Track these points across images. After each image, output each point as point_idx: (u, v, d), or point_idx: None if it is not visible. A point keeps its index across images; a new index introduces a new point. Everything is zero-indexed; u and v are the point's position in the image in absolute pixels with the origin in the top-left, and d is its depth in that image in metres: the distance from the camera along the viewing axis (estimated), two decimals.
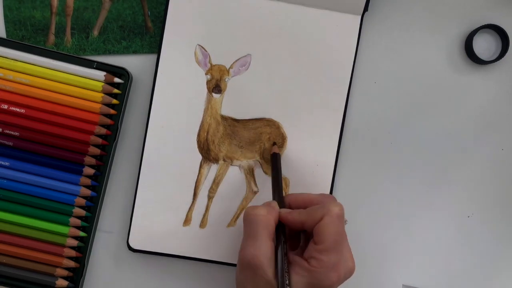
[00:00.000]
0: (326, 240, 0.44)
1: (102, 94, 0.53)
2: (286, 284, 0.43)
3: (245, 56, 0.54)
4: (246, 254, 0.45)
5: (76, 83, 0.53)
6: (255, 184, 0.55)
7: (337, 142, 0.55)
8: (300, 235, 0.49)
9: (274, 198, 0.50)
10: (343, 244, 0.46)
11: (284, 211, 0.47)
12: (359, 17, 0.54)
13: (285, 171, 0.55)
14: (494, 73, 0.56)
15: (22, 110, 0.53)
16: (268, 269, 0.44)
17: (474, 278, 0.57)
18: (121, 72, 0.54)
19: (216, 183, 0.55)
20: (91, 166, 0.54)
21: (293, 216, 0.46)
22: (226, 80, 0.54)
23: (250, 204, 0.55)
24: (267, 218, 0.46)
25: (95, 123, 0.53)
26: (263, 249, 0.45)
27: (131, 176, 0.55)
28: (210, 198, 0.55)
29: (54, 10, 0.54)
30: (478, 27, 0.55)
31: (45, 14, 0.54)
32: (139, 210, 0.54)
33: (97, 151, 0.53)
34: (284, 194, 0.51)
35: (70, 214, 0.53)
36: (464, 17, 0.56)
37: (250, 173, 0.55)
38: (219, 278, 0.56)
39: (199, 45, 0.54)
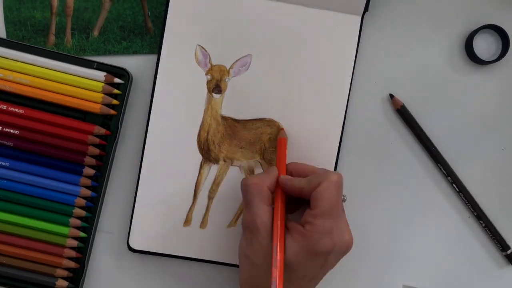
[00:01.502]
0: (321, 204, 0.46)
1: (102, 95, 0.53)
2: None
3: (245, 56, 0.54)
4: (244, 220, 0.48)
5: (76, 84, 0.53)
6: None
7: (338, 142, 0.55)
8: (298, 199, 0.49)
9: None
10: (339, 213, 0.47)
11: (284, 178, 0.49)
12: (359, 17, 0.54)
13: None
14: (495, 73, 0.56)
15: (22, 111, 0.52)
16: (264, 232, 0.46)
17: (474, 278, 0.57)
18: (121, 72, 0.54)
19: (216, 183, 0.55)
20: (91, 167, 0.54)
21: (293, 182, 0.48)
22: (226, 80, 0.54)
23: None
24: (259, 185, 0.48)
25: (95, 124, 0.53)
26: (259, 214, 0.47)
27: (131, 176, 0.55)
28: (210, 198, 0.55)
29: (54, 10, 0.54)
30: (479, 27, 0.55)
31: (45, 14, 0.54)
32: (139, 210, 0.54)
33: (96, 151, 0.53)
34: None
35: (70, 215, 0.53)
36: (464, 17, 0.56)
37: (250, 173, 0.55)
38: (219, 279, 0.56)
39: (199, 45, 0.54)
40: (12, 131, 0.52)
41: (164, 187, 0.54)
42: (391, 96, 0.55)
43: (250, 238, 0.47)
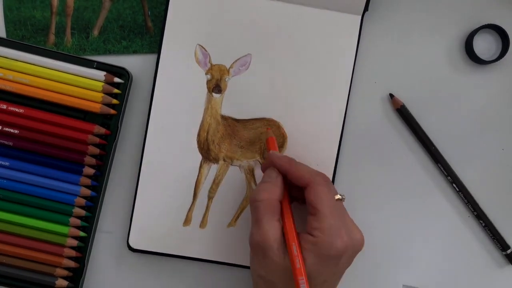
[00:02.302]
0: (321, 207, 0.45)
1: (102, 94, 0.53)
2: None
3: (245, 56, 0.54)
4: (253, 240, 0.46)
5: (76, 83, 0.53)
6: (256, 184, 0.55)
7: (338, 142, 0.55)
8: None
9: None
10: (341, 212, 0.47)
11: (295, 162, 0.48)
12: (359, 17, 0.54)
13: None
14: (494, 73, 0.56)
15: (22, 110, 0.52)
16: (276, 250, 0.45)
17: (474, 278, 0.57)
18: (121, 72, 0.54)
19: (216, 183, 0.55)
20: (91, 166, 0.54)
21: (299, 167, 0.48)
22: (226, 80, 0.54)
23: None
24: (270, 200, 0.47)
25: (95, 123, 0.53)
26: (270, 231, 0.45)
27: (131, 176, 0.55)
28: (210, 198, 0.55)
29: (54, 10, 0.54)
30: (478, 27, 0.55)
31: (45, 14, 0.54)
32: (139, 210, 0.54)
33: (96, 150, 0.53)
34: None
35: (70, 214, 0.53)
36: (464, 17, 0.56)
37: (250, 173, 0.55)
38: (219, 278, 0.56)
39: (199, 45, 0.54)
40: (12, 130, 0.52)
41: (164, 186, 0.54)
42: (391, 96, 0.55)
43: (263, 257, 0.46)
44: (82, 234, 0.54)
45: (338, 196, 0.47)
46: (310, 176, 0.47)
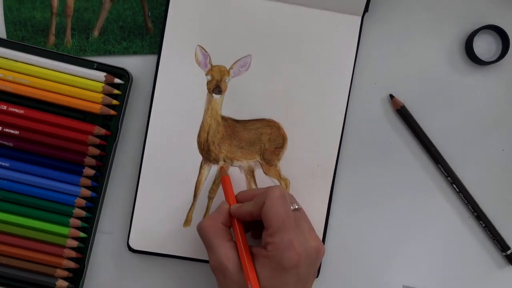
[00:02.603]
0: (272, 222, 0.46)
1: (102, 95, 0.53)
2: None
3: (245, 56, 0.54)
4: (211, 265, 0.48)
5: (76, 84, 0.53)
6: (256, 185, 0.55)
7: (338, 142, 0.55)
8: (259, 223, 0.49)
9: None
10: (294, 224, 0.47)
11: (233, 207, 0.49)
12: (360, 18, 0.54)
13: (285, 171, 0.55)
14: (495, 73, 0.56)
15: (22, 111, 0.52)
16: (233, 269, 0.47)
17: (474, 278, 0.57)
18: (121, 72, 0.54)
19: (216, 183, 0.55)
20: (91, 167, 0.54)
21: (242, 208, 0.49)
22: (227, 80, 0.54)
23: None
24: (213, 225, 0.49)
25: (95, 124, 0.53)
26: (223, 253, 0.47)
27: (131, 176, 0.55)
28: (210, 198, 0.55)
29: (54, 10, 0.54)
30: (479, 28, 0.55)
31: (45, 14, 0.54)
32: (140, 210, 0.54)
33: (96, 151, 0.53)
34: None
35: (70, 215, 0.53)
36: (464, 17, 0.56)
37: (250, 173, 0.55)
38: None
39: (199, 45, 0.54)
40: (12, 131, 0.52)
41: (164, 187, 0.54)
42: (391, 96, 0.55)
43: (223, 278, 0.47)
44: (82, 235, 0.54)
45: (294, 206, 0.48)
46: (263, 193, 0.47)
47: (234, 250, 0.48)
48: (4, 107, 0.52)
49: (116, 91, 0.53)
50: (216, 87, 0.54)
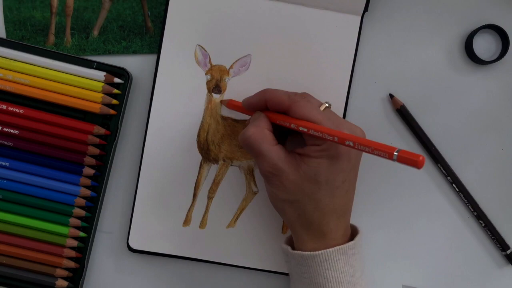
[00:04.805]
0: (312, 117, 0.46)
1: (102, 95, 0.53)
2: None
3: (245, 56, 0.54)
4: (263, 170, 0.47)
5: (76, 84, 0.53)
6: (255, 185, 0.55)
7: None
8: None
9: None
10: (333, 117, 0.47)
11: (269, 92, 0.49)
12: (359, 17, 0.54)
13: None
14: (494, 73, 0.56)
15: (21, 111, 0.52)
16: (288, 169, 0.46)
17: (474, 278, 0.57)
18: (121, 72, 0.54)
19: (216, 183, 0.55)
20: (91, 167, 0.54)
21: (278, 92, 0.48)
22: (226, 80, 0.54)
23: (250, 205, 0.55)
24: (259, 131, 0.47)
25: (94, 123, 0.53)
26: (275, 156, 0.46)
27: (131, 176, 0.55)
28: (210, 198, 0.55)
29: (54, 10, 0.54)
30: (478, 27, 0.55)
31: (45, 14, 0.54)
32: (139, 210, 0.54)
33: (96, 151, 0.53)
34: None
35: (70, 215, 0.53)
36: (464, 17, 0.56)
37: (250, 173, 0.55)
38: (218, 279, 0.56)
39: (199, 45, 0.54)
40: (12, 131, 0.52)
41: (164, 187, 0.54)
42: (391, 96, 0.55)
43: (278, 181, 0.47)
44: (82, 234, 0.54)
45: (323, 106, 0.48)
46: (289, 97, 0.47)
47: (285, 151, 0.47)
48: (4, 107, 0.52)
49: (115, 91, 0.53)
50: (215, 87, 0.54)
